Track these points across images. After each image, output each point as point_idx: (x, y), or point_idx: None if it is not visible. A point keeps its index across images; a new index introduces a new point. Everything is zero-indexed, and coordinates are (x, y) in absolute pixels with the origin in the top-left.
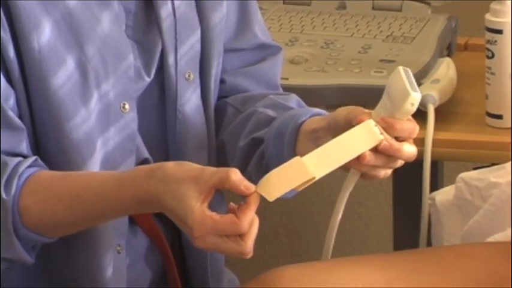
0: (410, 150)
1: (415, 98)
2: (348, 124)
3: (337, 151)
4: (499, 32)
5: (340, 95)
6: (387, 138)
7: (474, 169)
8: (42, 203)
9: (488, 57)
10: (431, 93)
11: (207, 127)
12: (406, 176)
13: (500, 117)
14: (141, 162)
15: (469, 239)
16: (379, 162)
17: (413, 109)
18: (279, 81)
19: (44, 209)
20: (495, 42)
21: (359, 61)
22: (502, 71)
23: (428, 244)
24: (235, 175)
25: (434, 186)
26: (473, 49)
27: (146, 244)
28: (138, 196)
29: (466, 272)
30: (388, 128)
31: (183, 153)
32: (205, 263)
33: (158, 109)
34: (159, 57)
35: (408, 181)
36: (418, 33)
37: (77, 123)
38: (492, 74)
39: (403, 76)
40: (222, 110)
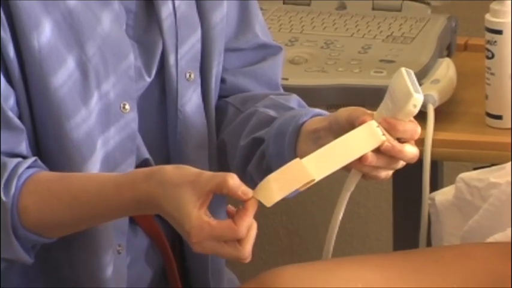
0: (412, 151)
1: (418, 100)
2: (350, 125)
3: (339, 152)
4: (499, 33)
5: (340, 95)
6: (389, 139)
7: (474, 169)
8: (41, 204)
9: (488, 58)
10: (431, 93)
11: (208, 127)
12: (406, 176)
13: (500, 117)
14: (142, 162)
15: (469, 239)
16: (381, 163)
17: (416, 110)
18: (279, 81)
19: (43, 210)
20: (495, 42)
21: (359, 61)
22: (502, 71)
23: (428, 244)
24: (232, 180)
25: (434, 187)
26: (473, 49)
27: (146, 244)
28: (136, 198)
29: (465, 272)
30: (390, 129)
31: (184, 153)
32: (205, 263)
33: (159, 109)
34: (160, 57)
35: (408, 181)
36: (417, 34)
37: (77, 123)
38: (492, 74)
39: (406, 77)
40: (222, 109)
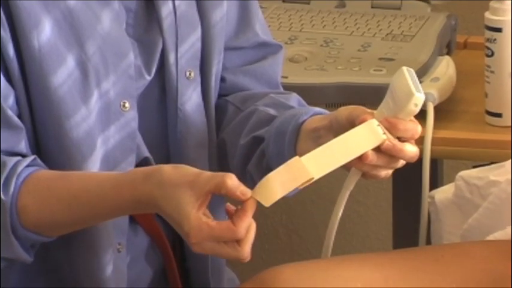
0: (413, 150)
1: (419, 99)
2: (350, 123)
3: (339, 150)
4: (499, 31)
5: (339, 93)
6: (390, 138)
7: (474, 167)
8: (40, 203)
9: (487, 56)
10: (430, 91)
11: (208, 125)
12: (405, 175)
13: (499, 115)
14: (142, 161)
15: (469, 237)
16: (381, 162)
17: (417, 110)
18: (279, 79)
19: (42, 209)
20: (494, 40)
21: (358, 59)
22: (502, 69)
23: (428, 242)
24: (231, 181)
25: (434, 185)
26: (473, 47)
27: (147, 243)
28: (135, 198)
29: (465, 271)
30: (391, 128)
31: (184, 152)
32: (206, 263)
33: (159, 108)
34: (160, 55)
35: (408, 179)
36: (417, 32)
37: (77, 122)
38: (491, 72)
39: (407, 76)
40: (222, 108)
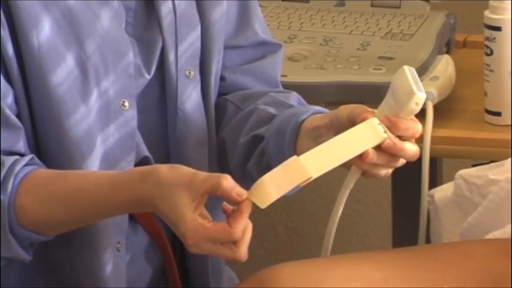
0: (413, 149)
1: (420, 98)
2: (351, 122)
3: (340, 148)
4: (498, 29)
5: (339, 92)
6: (391, 137)
7: (473, 166)
8: (38, 202)
9: (487, 55)
10: (430, 90)
11: (208, 124)
12: (405, 173)
13: (499, 114)
14: (141, 159)
15: (468, 236)
16: (382, 161)
17: (418, 109)
18: (279, 78)
19: (40, 208)
20: (494, 39)
21: (358, 58)
22: (501, 68)
23: (427, 241)
24: (226, 182)
25: (433, 184)
26: (472, 46)
27: (146, 241)
28: (132, 198)
29: (465, 269)
30: (392, 127)
31: (184, 151)
32: (205, 262)
33: (158, 106)
34: (159, 54)
35: (407, 178)
36: (416, 30)
37: (76, 121)
38: (491, 71)
39: (408, 75)
40: (222, 107)
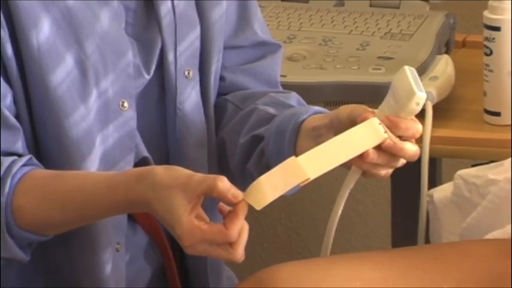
0: (413, 149)
1: (421, 98)
2: (351, 122)
3: (340, 148)
4: (497, 30)
5: (338, 92)
6: (391, 137)
7: (472, 166)
8: (35, 203)
9: (486, 55)
10: (429, 90)
11: (207, 124)
12: (404, 173)
13: (498, 114)
14: (141, 160)
15: (468, 236)
16: (382, 161)
17: (418, 109)
18: (278, 78)
19: (38, 208)
20: (493, 39)
21: (357, 58)
22: (500, 68)
23: (427, 241)
24: (222, 183)
25: (433, 183)
26: (472, 46)
27: (146, 241)
28: (129, 199)
29: (464, 269)
30: (392, 127)
31: (183, 151)
32: (205, 262)
33: (158, 107)
34: (159, 54)
35: (406, 178)
36: (416, 30)
37: (76, 121)
38: (490, 71)
39: (409, 75)
40: (221, 107)
